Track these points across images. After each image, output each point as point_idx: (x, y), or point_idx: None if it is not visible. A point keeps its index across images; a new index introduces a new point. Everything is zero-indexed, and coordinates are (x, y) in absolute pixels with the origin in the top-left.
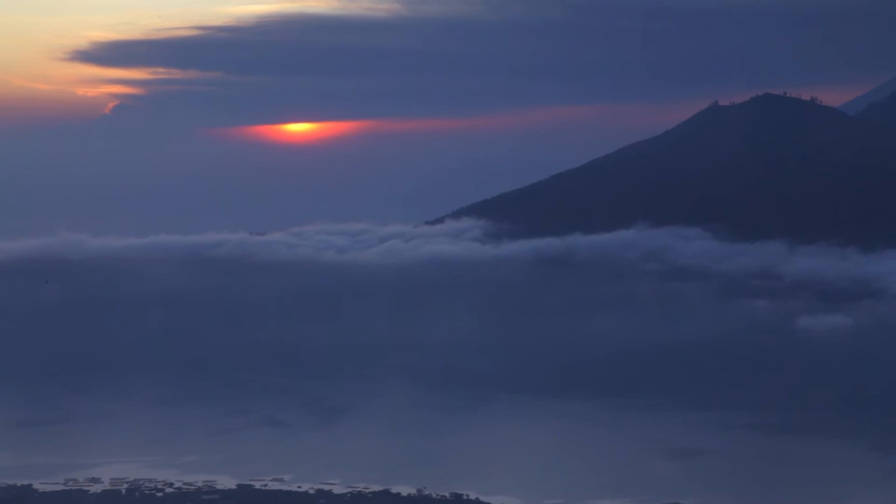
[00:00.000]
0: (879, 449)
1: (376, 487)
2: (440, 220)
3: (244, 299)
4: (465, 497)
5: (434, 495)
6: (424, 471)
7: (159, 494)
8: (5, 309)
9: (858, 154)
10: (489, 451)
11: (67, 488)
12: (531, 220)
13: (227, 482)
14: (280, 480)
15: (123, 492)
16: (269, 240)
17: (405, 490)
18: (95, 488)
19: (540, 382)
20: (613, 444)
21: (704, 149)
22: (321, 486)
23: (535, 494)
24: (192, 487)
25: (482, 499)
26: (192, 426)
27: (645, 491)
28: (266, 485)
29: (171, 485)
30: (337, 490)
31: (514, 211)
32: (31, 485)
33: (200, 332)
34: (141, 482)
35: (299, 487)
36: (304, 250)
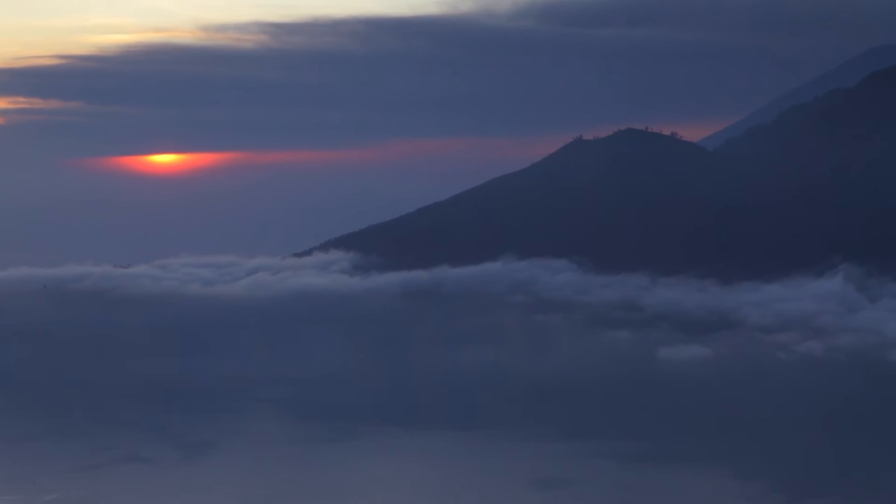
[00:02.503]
0: (739, 476)
1: None
2: (308, 253)
3: (108, 333)
4: None
5: None
6: None
7: None
8: None
9: (716, 188)
10: (358, 484)
11: None
12: (399, 253)
13: None
14: None
15: None
16: (134, 272)
17: None
18: None
19: (408, 414)
20: (482, 475)
21: (569, 182)
22: None
23: None
24: None
25: None
26: (54, 463)
27: None
28: None
29: None
30: None
31: (382, 243)
32: None
33: (62, 366)
34: None
35: None
36: (169, 283)
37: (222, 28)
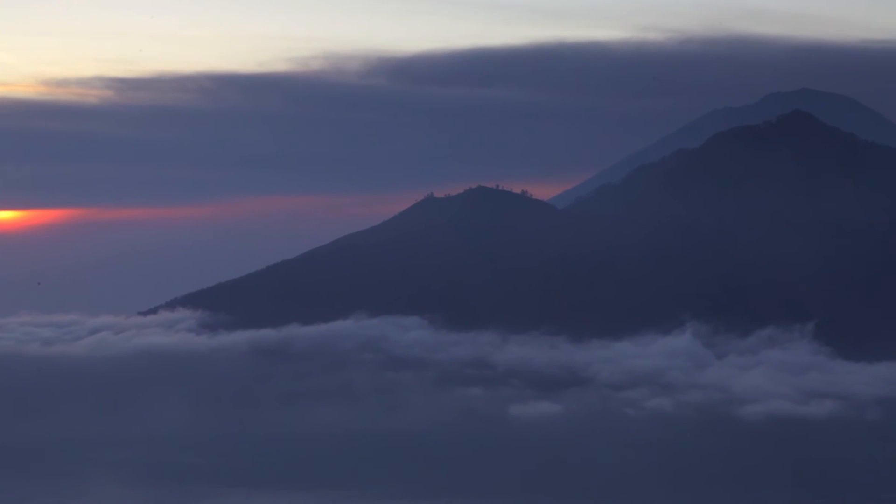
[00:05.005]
0: None
1: None
2: (153, 311)
3: None
4: None
5: None
6: None
7: None
8: None
9: (566, 245)
10: None
11: None
12: (248, 311)
13: None
14: None
15: None
16: None
17: None
18: None
19: (257, 475)
20: None
21: (421, 239)
22: None
23: None
24: None
25: None
26: None
27: None
28: None
29: None
30: None
31: (230, 301)
32: None
33: None
34: None
35: None
36: (6, 343)
37: (64, 83)
